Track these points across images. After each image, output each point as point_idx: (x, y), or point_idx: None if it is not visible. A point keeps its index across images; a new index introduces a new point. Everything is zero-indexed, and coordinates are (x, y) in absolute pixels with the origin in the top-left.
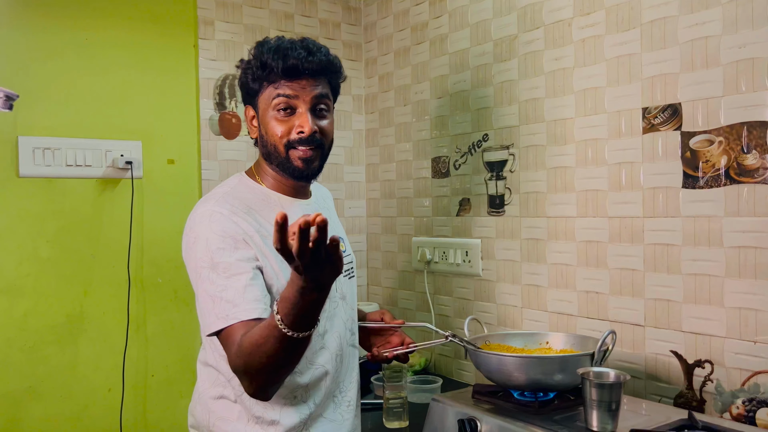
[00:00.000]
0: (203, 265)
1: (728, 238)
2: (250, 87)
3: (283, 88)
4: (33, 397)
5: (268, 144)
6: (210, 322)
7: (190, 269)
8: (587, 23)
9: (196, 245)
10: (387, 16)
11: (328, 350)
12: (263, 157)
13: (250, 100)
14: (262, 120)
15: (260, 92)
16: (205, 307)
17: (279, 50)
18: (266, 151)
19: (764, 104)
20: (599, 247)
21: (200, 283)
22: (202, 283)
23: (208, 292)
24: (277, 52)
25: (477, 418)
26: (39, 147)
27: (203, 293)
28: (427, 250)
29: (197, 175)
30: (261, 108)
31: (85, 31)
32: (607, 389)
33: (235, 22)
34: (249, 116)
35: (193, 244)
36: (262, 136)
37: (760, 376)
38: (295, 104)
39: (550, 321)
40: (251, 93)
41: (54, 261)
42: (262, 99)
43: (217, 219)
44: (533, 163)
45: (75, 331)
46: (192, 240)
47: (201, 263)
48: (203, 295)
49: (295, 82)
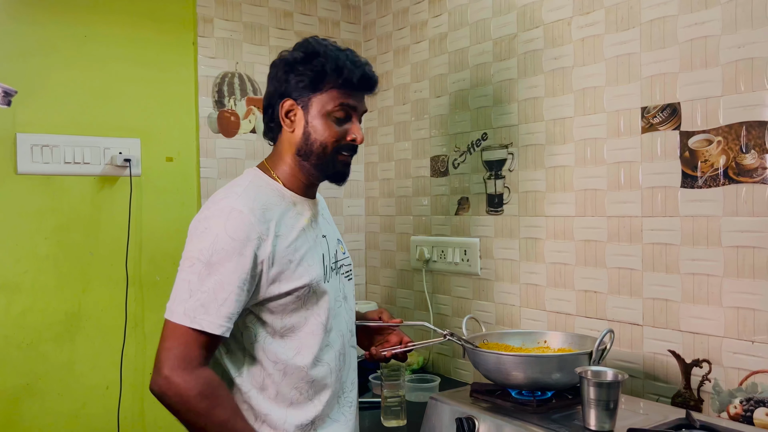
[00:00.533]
0: (200, 258)
1: (726, 238)
2: (305, 85)
3: (348, 98)
4: (30, 395)
5: (313, 142)
6: (176, 310)
7: (187, 253)
8: (586, 22)
9: (204, 236)
10: (386, 14)
11: (332, 348)
12: (297, 152)
13: (296, 94)
14: (313, 119)
15: (318, 93)
16: (179, 295)
17: (354, 63)
18: (307, 149)
19: (763, 104)
20: (598, 247)
21: (188, 271)
22: (191, 272)
23: (190, 283)
24: (354, 64)
25: (475, 416)
26: (37, 144)
27: (185, 281)
28: (425, 249)
29: (196, 172)
30: (314, 108)
31: (84, 28)
32: (605, 388)
33: (235, 20)
34: (285, 109)
35: (201, 233)
36: (307, 133)
37: (757, 376)
38: (351, 114)
39: (549, 320)
40: (302, 90)
41: (52, 258)
42: (318, 99)
43: (234, 217)
44: (532, 163)
45: (73, 329)
46: (202, 229)
47: (200, 255)
48: (184, 283)
49: (357, 95)
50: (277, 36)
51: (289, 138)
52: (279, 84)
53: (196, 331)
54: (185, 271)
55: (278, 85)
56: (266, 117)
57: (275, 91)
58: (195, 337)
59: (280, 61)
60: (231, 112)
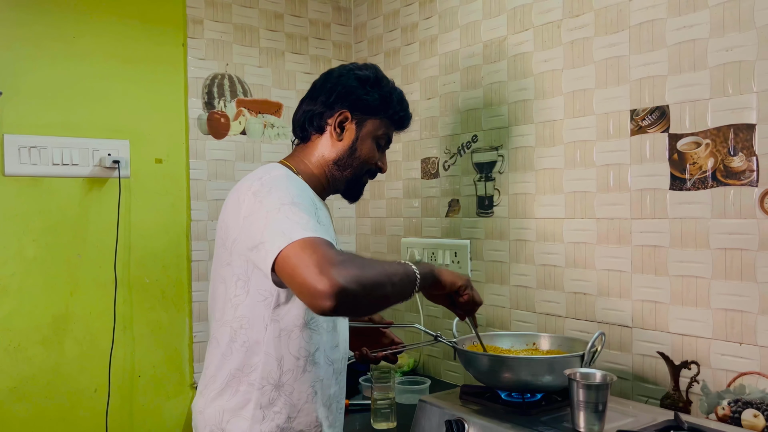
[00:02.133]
0: (285, 201)
1: (715, 240)
2: (369, 105)
3: (392, 132)
4: (17, 398)
5: (357, 158)
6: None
7: (263, 212)
8: (576, 25)
9: (273, 191)
10: (377, 16)
11: (338, 350)
12: (336, 161)
13: (354, 109)
14: (363, 137)
15: (374, 117)
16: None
17: (405, 104)
18: (348, 161)
19: (750, 107)
20: (587, 249)
21: (280, 214)
22: (283, 213)
23: (290, 218)
24: (405, 104)
25: (464, 419)
26: (25, 145)
27: (283, 217)
28: (416, 250)
29: (185, 174)
30: (367, 128)
31: (73, 29)
32: (593, 390)
33: (225, 21)
34: (339, 118)
35: (269, 191)
36: (354, 148)
37: (745, 377)
38: (386, 146)
39: (538, 322)
40: (363, 109)
41: (40, 261)
42: (373, 123)
43: (294, 180)
44: (522, 165)
45: (61, 332)
46: (268, 189)
47: (282, 201)
48: (282, 221)
49: (395, 133)
50: (268, 37)
51: (332, 145)
52: (339, 94)
53: (318, 238)
54: (276, 215)
55: (337, 95)
56: (307, 117)
57: (331, 99)
58: (321, 241)
59: (348, 75)
60: (221, 113)
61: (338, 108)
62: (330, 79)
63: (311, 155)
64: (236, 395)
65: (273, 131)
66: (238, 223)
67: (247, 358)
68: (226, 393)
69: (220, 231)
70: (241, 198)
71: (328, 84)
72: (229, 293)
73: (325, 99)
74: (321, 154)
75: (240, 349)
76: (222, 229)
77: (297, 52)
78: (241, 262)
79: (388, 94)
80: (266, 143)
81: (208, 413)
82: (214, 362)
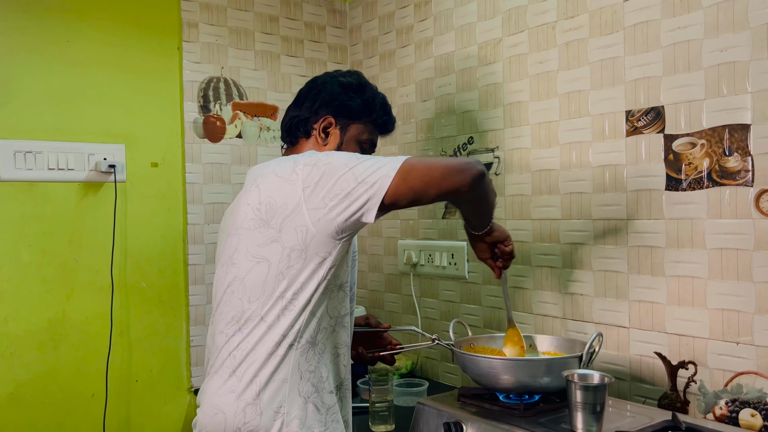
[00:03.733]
0: (354, 156)
1: (711, 240)
2: (352, 110)
3: (376, 136)
4: (14, 404)
5: None
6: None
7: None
8: (571, 27)
9: (334, 155)
10: (372, 19)
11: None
12: None
13: (338, 115)
14: (347, 141)
15: (358, 122)
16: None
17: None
18: None
19: (745, 107)
20: (583, 250)
21: (360, 164)
22: (362, 161)
23: (372, 161)
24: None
25: (462, 421)
26: (20, 150)
27: (368, 164)
28: (413, 252)
29: (181, 178)
30: (350, 132)
31: (67, 33)
32: (591, 391)
33: (220, 24)
34: (323, 123)
35: (327, 156)
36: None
37: (742, 377)
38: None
39: (536, 323)
40: (347, 114)
41: (36, 265)
42: (356, 128)
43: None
44: (518, 166)
45: (57, 336)
46: (325, 156)
47: (350, 157)
48: (367, 165)
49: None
50: (263, 41)
51: (317, 149)
52: (323, 100)
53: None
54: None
55: (322, 101)
56: (294, 123)
57: (316, 105)
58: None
59: (332, 81)
60: (217, 117)
61: (323, 113)
62: (314, 86)
63: None
64: (275, 359)
65: (269, 134)
66: (296, 194)
67: (291, 322)
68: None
69: (255, 212)
70: (291, 175)
71: (313, 91)
72: (277, 268)
73: (310, 105)
74: None
75: (287, 314)
76: (260, 211)
77: (292, 55)
78: (296, 234)
79: (370, 99)
80: (262, 146)
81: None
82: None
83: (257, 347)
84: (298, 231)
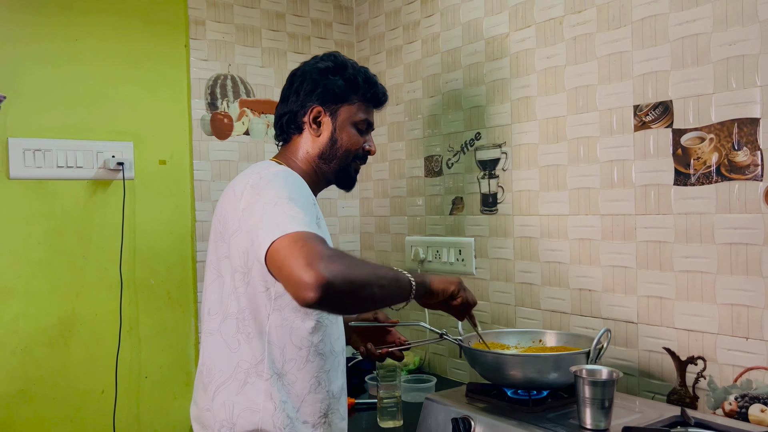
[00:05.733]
0: (281, 196)
1: (720, 235)
2: (336, 93)
3: (368, 113)
4: (25, 400)
5: (339, 148)
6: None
7: (260, 205)
8: (578, 21)
9: (271, 185)
10: (379, 15)
11: (341, 342)
12: (320, 156)
13: (324, 102)
14: (340, 127)
15: (346, 103)
16: (282, 221)
17: (374, 80)
18: (331, 153)
19: (754, 101)
20: (592, 245)
21: (277, 208)
22: (280, 207)
23: (286, 212)
24: (374, 81)
25: (470, 417)
26: (29, 149)
27: (279, 214)
28: (420, 249)
29: (189, 175)
30: (341, 116)
31: (76, 31)
32: (599, 387)
33: (227, 21)
34: (312, 114)
35: (267, 183)
36: (334, 140)
37: (752, 372)
38: (369, 127)
39: (544, 319)
40: (333, 98)
41: (45, 263)
42: (347, 110)
43: (292, 176)
44: (525, 162)
45: (67, 333)
46: (265, 184)
47: (280, 195)
48: (279, 215)
49: (372, 111)
50: (270, 38)
51: (312, 141)
52: (306, 91)
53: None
54: (273, 209)
55: (305, 92)
56: (283, 120)
57: (301, 98)
58: (312, 236)
59: (309, 70)
60: (224, 114)
61: (309, 104)
62: (294, 79)
63: (297, 154)
64: (245, 387)
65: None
66: (236, 216)
67: (253, 350)
68: (233, 386)
69: (217, 225)
70: (239, 191)
71: (294, 84)
72: (229, 287)
73: (295, 98)
74: (305, 152)
75: (246, 340)
76: (220, 223)
77: (299, 52)
78: (240, 255)
79: (352, 77)
80: (269, 143)
81: (216, 408)
82: (217, 356)
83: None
84: (240, 252)
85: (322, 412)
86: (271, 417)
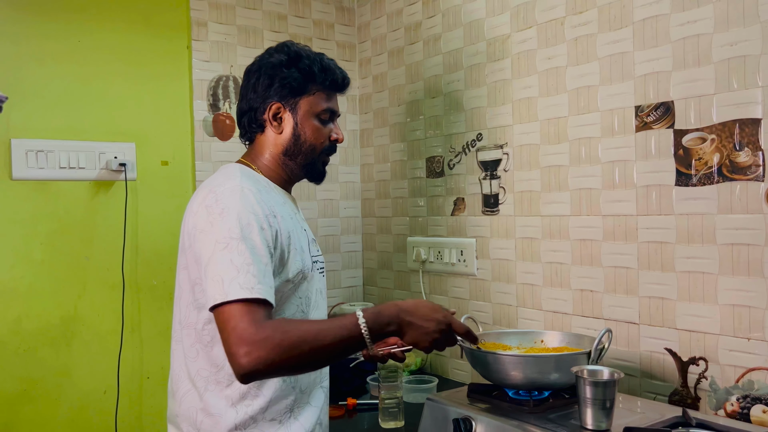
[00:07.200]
0: (233, 236)
1: (721, 236)
2: (293, 86)
3: (331, 101)
4: (27, 400)
5: (303, 143)
6: (230, 290)
7: (212, 239)
8: (580, 22)
9: (225, 216)
10: (380, 16)
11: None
12: (284, 153)
13: (282, 96)
14: (302, 121)
15: (305, 95)
16: (227, 275)
17: (331, 66)
18: (295, 149)
19: (756, 101)
20: (593, 246)
21: (226, 252)
22: (229, 252)
23: (234, 261)
24: (335, 66)
25: (472, 417)
26: (32, 149)
27: (227, 262)
28: (422, 249)
29: (191, 176)
30: (302, 110)
31: (78, 32)
32: (601, 387)
33: (229, 23)
34: (272, 111)
35: (220, 215)
36: (296, 135)
37: (754, 373)
38: (332, 115)
39: (545, 320)
40: (290, 92)
41: (48, 263)
42: (306, 102)
43: (247, 195)
44: (527, 162)
45: (69, 334)
46: (219, 211)
47: (231, 233)
48: (226, 264)
49: (336, 97)
50: (272, 39)
51: (275, 139)
52: (263, 87)
53: (257, 301)
54: (222, 252)
55: (262, 88)
56: (245, 120)
57: (258, 94)
58: (256, 308)
59: (263, 65)
60: (226, 115)
61: (268, 101)
62: (250, 76)
63: (262, 154)
64: (206, 394)
65: None
66: (193, 234)
67: (211, 358)
68: (194, 394)
69: (181, 236)
70: (195, 209)
71: (251, 81)
72: (187, 297)
73: (253, 96)
74: (270, 150)
75: (204, 350)
76: (182, 235)
77: None
78: (196, 267)
79: (307, 67)
80: None
81: (182, 415)
82: (178, 365)
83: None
84: (195, 264)
85: (288, 408)
86: (234, 420)
